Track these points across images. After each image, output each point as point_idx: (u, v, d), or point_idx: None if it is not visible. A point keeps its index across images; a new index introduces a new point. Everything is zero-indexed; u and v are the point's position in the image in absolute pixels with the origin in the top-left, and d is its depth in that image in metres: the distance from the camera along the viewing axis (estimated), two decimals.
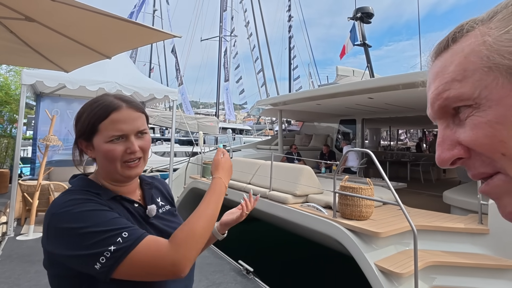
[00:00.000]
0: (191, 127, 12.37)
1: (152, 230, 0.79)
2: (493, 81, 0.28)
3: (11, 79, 7.55)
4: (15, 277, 3.09)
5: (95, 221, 0.65)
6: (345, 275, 4.48)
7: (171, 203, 0.96)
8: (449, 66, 0.31)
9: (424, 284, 2.85)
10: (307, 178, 4.23)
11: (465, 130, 0.30)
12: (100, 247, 0.63)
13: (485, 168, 0.30)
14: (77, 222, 0.64)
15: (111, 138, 0.73)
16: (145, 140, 0.78)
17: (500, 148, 0.28)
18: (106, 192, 0.76)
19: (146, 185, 0.88)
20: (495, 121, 0.28)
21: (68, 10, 2.07)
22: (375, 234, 3.00)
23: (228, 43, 21.85)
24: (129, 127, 0.74)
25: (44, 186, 4.63)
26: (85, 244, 0.63)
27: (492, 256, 3.09)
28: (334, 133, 9.73)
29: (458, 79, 0.30)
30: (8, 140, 7.34)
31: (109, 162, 0.75)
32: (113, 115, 0.74)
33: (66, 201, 0.68)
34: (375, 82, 5.17)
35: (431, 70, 0.34)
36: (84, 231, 0.64)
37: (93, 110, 0.75)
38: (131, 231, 0.66)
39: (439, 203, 4.40)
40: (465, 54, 0.30)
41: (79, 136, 0.77)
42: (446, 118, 0.33)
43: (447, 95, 0.31)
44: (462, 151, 0.31)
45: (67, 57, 3.02)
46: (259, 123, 25.97)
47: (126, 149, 0.74)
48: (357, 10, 8.32)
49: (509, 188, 0.29)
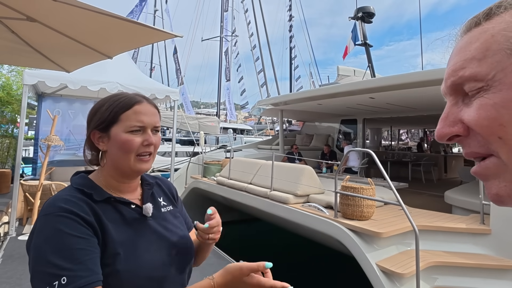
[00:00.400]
0: (192, 127, 12.38)
1: (148, 232, 0.77)
2: (511, 65, 0.28)
3: (13, 79, 7.57)
4: (17, 276, 3.10)
5: (55, 245, 0.63)
6: (346, 275, 4.48)
7: (174, 203, 0.94)
8: (474, 43, 0.31)
9: (425, 284, 2.84)
10: (308, 178, 4.23)
11: (470, 110, 0.31)
12: (42, 280, 0.61)
13: (479, 148, 0.31)
14: (44, 240, 0.64)
15: (132, 128, 0.76)
16: (158, 137, 0.81)
17: (498, 131, 0.29)
18: (100, 192, 0.75)
19: (146, 185, 0.88)
20: (501, 105, 0.28)
21: (70, 10, 2.07)
22: (376, 234, 3.00)
23: (229, 43, 21.86)
24: (149, 120, 0.78)
25: (46, 186, 4.65)
26: (38, 268, 0.62)
27: (494, 257, 3.08)
28: (335, 133, 9.72)
29: (478, 58, 0.30)
30: (10, 140, 7.36)
31: (124, 153, 0.75)
32: (137, 107, 0.77)
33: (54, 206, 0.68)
34: (376, 82, 5.16)
35: (456, 45, 0.34)
36: (42, 252, 0.63)
37: (116, 101, 0.78)
38: (72, 279, 0.61)
39: (440, 203, 4.39)
40: (494, 33, 0.30)
41: (96, 125, 0.77)
42: (456, 95, 0.33)
43: (463, 74, 0.31)
44: (462, 129, 0.32)
45: (69, 57, 3.02)
46: (260, 123, 25.98)
47: (143, 141, 0.76)
48: (358, 10, 8.31)
49: (498, 171, 0.30)
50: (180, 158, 9.68)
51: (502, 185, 0.30)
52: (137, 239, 0.75)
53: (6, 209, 5.08)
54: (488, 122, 0.29)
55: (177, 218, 0.90)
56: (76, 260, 0.63)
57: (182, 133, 15.72)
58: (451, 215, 3.87)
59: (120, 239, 0.72)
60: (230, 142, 14.75)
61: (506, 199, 0.31)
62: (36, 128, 6.36)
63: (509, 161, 0.29)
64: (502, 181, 0.30)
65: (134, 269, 0.70)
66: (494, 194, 0.31)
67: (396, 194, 2.83)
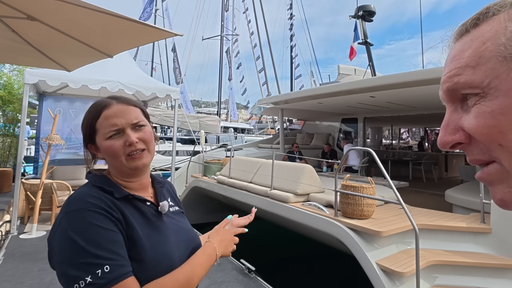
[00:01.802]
0: (193, 126, 12.38)
1: (164, 228, 0.80)
2: (505, 71, 0.28)
3: (14, 79, 7.59)
4: (18, 275, 3.11)
5: (92, 238, 0.66)
6: (346, 274, 4.49)
7: (178, 204, 0.96)
8: (467, 51, 0.31)
9: (425, 283, 2.84)
10: (309, 177, 4.23)
11: (469, 117, 0.31)
12: (84, 270, 0.63)
13: (482, 155, 0.31)
14: (79, 234, 0.66)
15: (109, 134, 0.76)
16: (144, 132, 0.80)
17: (499, 138, 0.29)
18: (119, 190, 0.78)
19: (157, 183, 0.91)
20: (499, 112, 0.28)
21: (70, 9, 2.08)
22: (376, 233, 3.00)
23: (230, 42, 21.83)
24: (122, 120, 0.77)
25: (47, 185, 4.66)
26: (78, 261, 0.64)
27: (494, 255, 3.08)
28: (335, 132, 9.72)
29: (471, 65, 0.30)
30: (11, 139, 7.38)
31: (113, 158, 0.78)
32: (105, 112, 0.77)
33: (82, 201, 0.70)
34: (377, 81, 5.15)
35: (450, 52, 0.35)
36: (80, 245, 0.65)
37: (88, 113, 0.80)
38: (114, 267, 0.65)
39: (441, 202, 4.38)
40: (484, 40, 0.30)
41: (85, 141, 0.81)
42: (454, 102, 0.33)
43: (458, 80, 0.31)
44: (463, 137, 0.32)
45: (69, 56, 3.03)
46: (261, 122, 25.96)
47: (125, 142, 0.76)
48: (359, 9, 8.28)
49: (501, 177, 0.30)
50: (180, 157, 9.69)
51: (507, 191, 0.31)
52: (157, 233, 0.78)
53: (8, 208, 5.11)
54: (487, 130, 0.29)
55: (185, 219, 0.94)
56: (114, 251, 0.67)
57: (183, 132, 15.73)
58: (452, 214, 3.87)
59: (143, 233, 0.74)
60: (231, 141, 14.75)
61: (511, 204, 0.31)
62: (37, 127, 6.37)
63: (511, 168, 0.29)
64: (506, 187, 0.30)
65: (156, 261, 0.73)
66: (499, 199, 0.32)
67: (396, 193, 2.83)
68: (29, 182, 4.70)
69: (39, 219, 4.61)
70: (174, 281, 0.72)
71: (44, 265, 3.35)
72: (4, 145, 7.35)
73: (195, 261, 0.80)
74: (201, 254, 0.83)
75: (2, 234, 4.18)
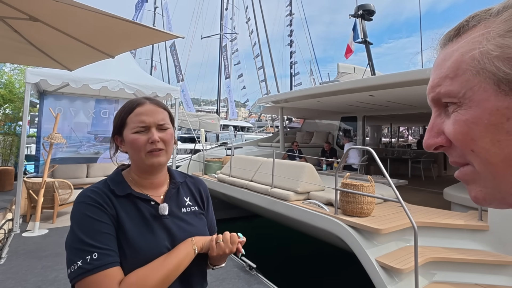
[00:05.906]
0: (192, 124, 12.40)
1: (161, 229, 0.82)
2: (478, 84, 0.31)
3: (16, 78, 7.59)
4: (22, 272, 3.15)
5: (85, 227, 0.74)
6: (346, 271, 4.53)
7: (200, 205, 0.96)
8: (447, 61, 0.34)
9: (424, 279, 2.89)
10: (309, 175, 4.26)
11: (449, 123, 0.34)
12: (76, 255, 0.71)
13: (459, 158, 0.35)
14: (76, 223, 0.75)
15: (136, 129, 0.83)
16: (167, 133, 0.87)
17: (471, 145, 0.32)
18: (124, 188, 0.83)
19: (172, 183, 0.93)
20: (471, 121, 0.31)
21: (72, 11, 2.10)
22: (376, 230, 3.04)
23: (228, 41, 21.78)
24: (150, 119, 0.84)
25: (49, 184, 4.69)
26: (73, 246, 0.72)
27: (491, 252, 3.13)
28: (335, 130, 9.75)
29: (450, 77, 0.33)
30: (12, 138, 7.40)
31: (135, 151, 0.84)
32: (138, 109, 0.85)
33: (83, 195, 0.79)
34: (376, 80, 5.17)
35: (436, 58, 0.37)
36: (76, 233, 0.73)
37: (123, 107, 0.88)
38: (102, 256, 0.71)
39: (439, 200, 4.42)
40: (462, 52, 0.32)
41: (113, 131, 0.89)
42: (438, 107, 0.36)
43: (439, 90, 0.34)
44: (444, 140, 0.35)
45: (71, 56, 3.05)
46: (261, 120, 25.96)
47: (148, 139, 0.83)
48: (358, 8, 8.27)
49: (474, 177, 0.34)
50: (181, 156, 9.72)
51: (478, 190, 0.34)
52: (149, 233, 0.81)
53: (10, 206, 5.13)
54: (462, 136, 0.32)
55: (200, 220, 0.93)
56: (103, 242, 0.73)
57: (182, 131, 15.73)
58: (450, 211, 3.91)
59: (134, 232, 0.79)
60: (230, 139, 14.76)
61: (482, 201, 0.35)
62: (38, 126, 6.39)
63: (481, 171, 0.32)
64: (478, 186, 0.34)
65: (143, 259, 0.76)
66: (473, 196, 0.35)
67: (396, 191, 2.86)
68: (31, 181, 4.73)
69: (41, 218, 4.64)
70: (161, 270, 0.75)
71: (48, 262, 3.39)
72: (5, 143, 7.37)
73: (171, 253, 0.80)
74: (177, 247, 0.82)
75: (5, 232, 4.21)
